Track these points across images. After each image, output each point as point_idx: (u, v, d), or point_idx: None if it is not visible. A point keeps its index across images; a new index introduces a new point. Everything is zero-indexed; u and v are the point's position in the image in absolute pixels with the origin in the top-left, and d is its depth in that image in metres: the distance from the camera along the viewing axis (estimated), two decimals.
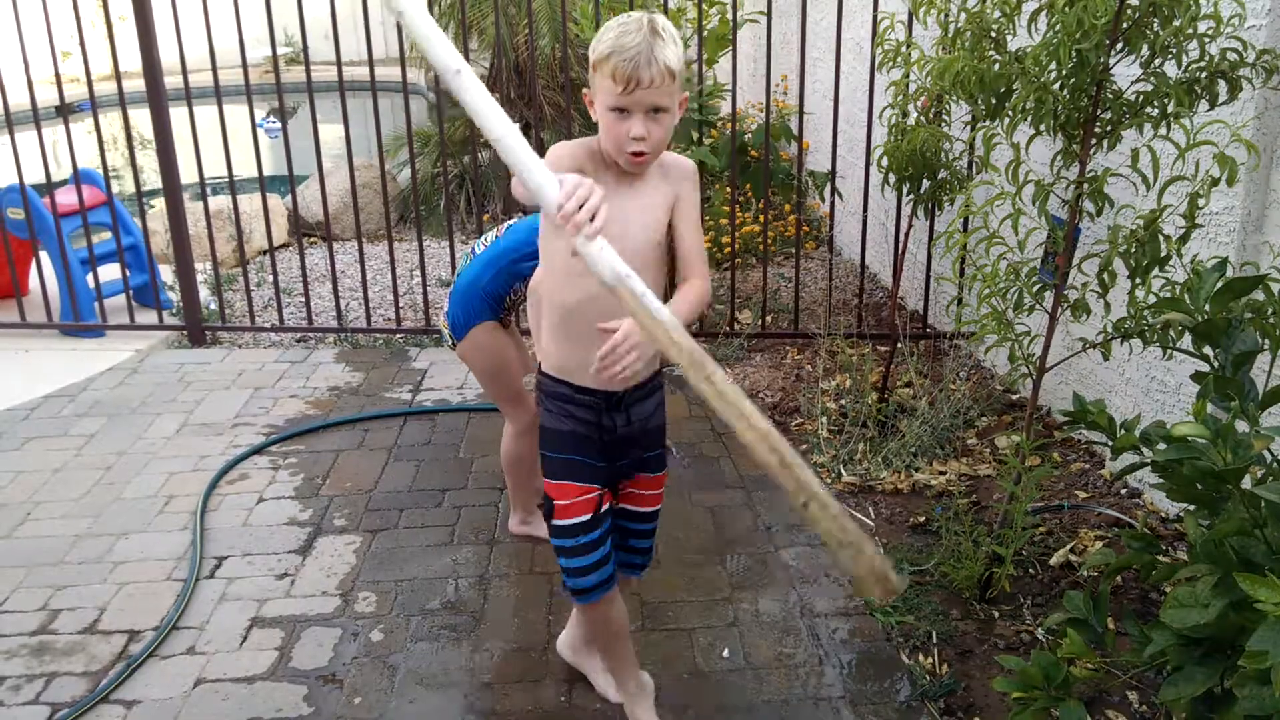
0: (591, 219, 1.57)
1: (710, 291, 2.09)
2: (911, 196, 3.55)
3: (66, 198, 4.96)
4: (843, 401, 3.90)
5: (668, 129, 1.99)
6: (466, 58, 5.19)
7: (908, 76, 3.15)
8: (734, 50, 4.57)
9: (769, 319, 4.83)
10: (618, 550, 2.30)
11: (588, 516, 2.16)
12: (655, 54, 1.91)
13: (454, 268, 4.89)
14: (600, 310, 1.89)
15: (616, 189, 2.00)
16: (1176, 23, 2.27)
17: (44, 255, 5.13)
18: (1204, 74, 2.34)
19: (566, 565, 2.18)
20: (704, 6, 4.46)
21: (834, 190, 4.72)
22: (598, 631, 2.33)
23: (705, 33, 4.60)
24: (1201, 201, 2.29)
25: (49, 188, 4.90)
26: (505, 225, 3.02)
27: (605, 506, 2.20)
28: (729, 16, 4.58)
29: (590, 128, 2.04)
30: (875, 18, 3.81)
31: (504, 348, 2.97)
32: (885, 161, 3.43)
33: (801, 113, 4.60)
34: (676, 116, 2.00)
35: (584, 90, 2.05)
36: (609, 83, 1.92)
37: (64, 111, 4.74)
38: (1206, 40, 2.31)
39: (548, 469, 2.18)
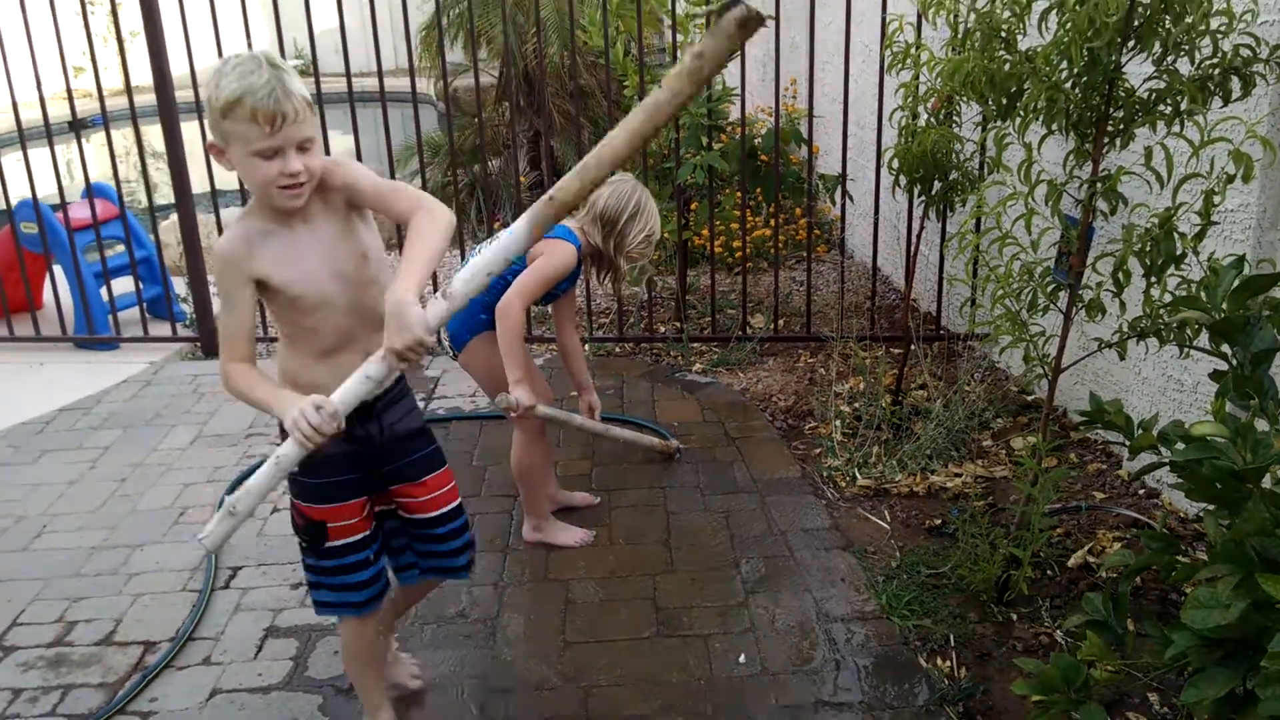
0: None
1: (441, 208, 1.96)
2: (923, 198, 3.54)
3: (80, 212, 4.99)
4: (856, 404, 3.88)
5: (321, 159, 1.94)
6: (475, 66, 5.19)
7: (917, 78, 3.14)
8: (742, 55, 4.56)
9: (781, 322, 4.81)
10: (428, 556, 2.28)
11: (362, 535, 2.15)
12: (290, 87, 1.85)
13: None
14: (337, 324, 2.02)
15: (293, 236, 1.99)
16: (1189, 19, 2.26)
17: (58, 269, 5.16)
18: (1217, 70, 2.33)
19: (346, 582, 2.15)
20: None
21: (845, 193, 4.71)
22: (361, 649, 2.28)
23: None
24: (1217, 199, 2.27)
25: (62, 202, 4.93)
26: (498, 237, 3.03)
27: (374, 523, 2.19)
28: None
29: (600, 134, 2.03)
30: (884, 20, 3.80)
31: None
32: (896, 163, 3.43)
33: (811, 116, 4.59)
34: (321, 148, 1.96)
35: (209, 143, 1.92)
36: (249, 127, 1.83)
37: (76, 126, 4.77)
38: (1219, 36, 2.29)
39: (306, 494, 2.10)
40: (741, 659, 2.59)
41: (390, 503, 2.23)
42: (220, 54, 4.37)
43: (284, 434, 1.90)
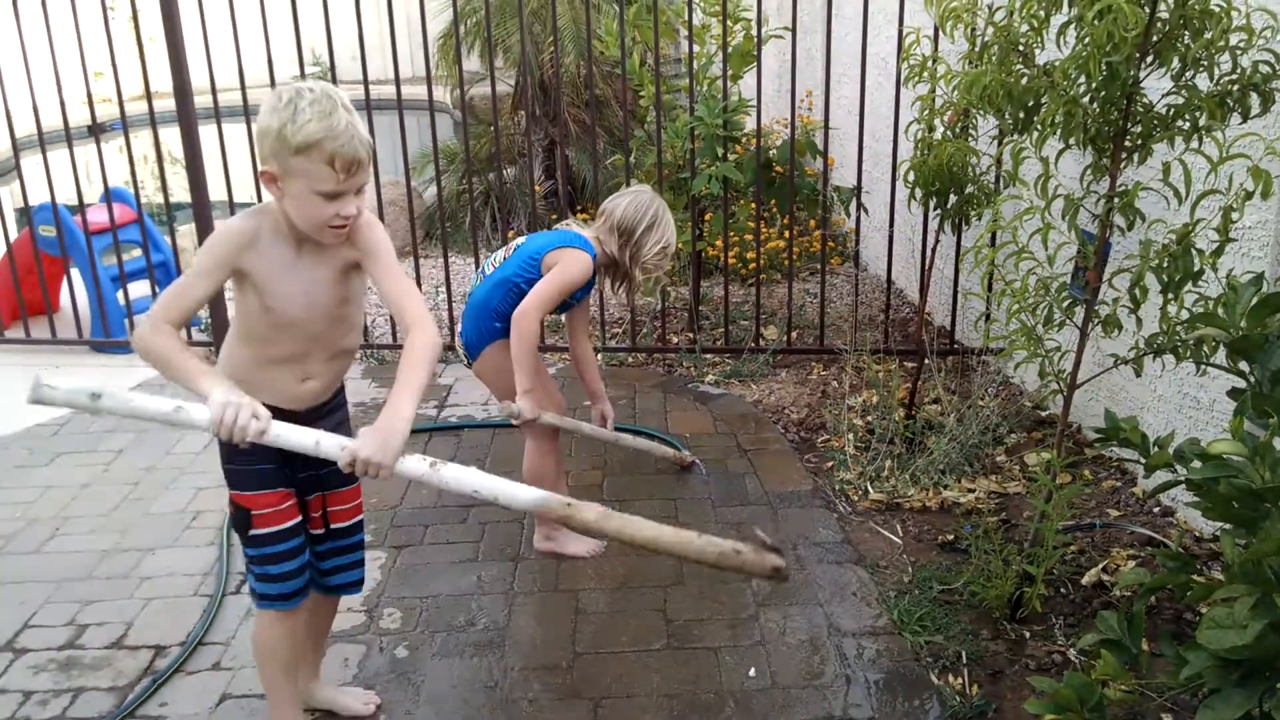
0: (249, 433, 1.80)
1: (435, 333, 2.02)
2: (938, 211, 3.53)
3: (98, 215, 5.02)
4: (869, 418, 3.87)
5: (365, 208, 2.01)
6: (492, 75, 5.19)
7: (934, 91, 3.14)
8: (758, 66, 4.57)
9: (795, 335, 4.80)
10: (331, 572, 2.31)
11: (291, 523, 2.17)
12: (363, 133, 1.90)
13: None
14: (295, 342, 2.06)
15: (297, 260, 2.02)
16: (1208, 35, 2.25)
17: (75, 272, 5.19)
18: (1236, 87, 2.32)
19: (269, 573, 2.16)
20: (728, 22, 4.46)
21: (859, 205, 4.70)
22: (283, 647, 2.25)
23: (730, 49, 4.60)
24: (1235, 215, 2.26)
25: (81, 206, 4.96)
26: (513, 245, 3.05)
27: (300, 517, 2.21)
28: (753, 33, 4.58)
29: (615, 145, 2.04)
30: (900, 33, 3.80)
31: None
32: (912, 176, 3.42)
33: (827, 128, 4.59)
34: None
35: (264, 171, 1.92)
36: (322, 169, 1.86)
37: (96, 131, 4.80)
38: (1239, 52, 2.28)
39: (238, 481, 2.14)
40: (751, 672, 2.58)
41: (305, 515, 2.25)
42: (239, 61, 4.41)
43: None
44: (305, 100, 1.86)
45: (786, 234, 4.96)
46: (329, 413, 2.24)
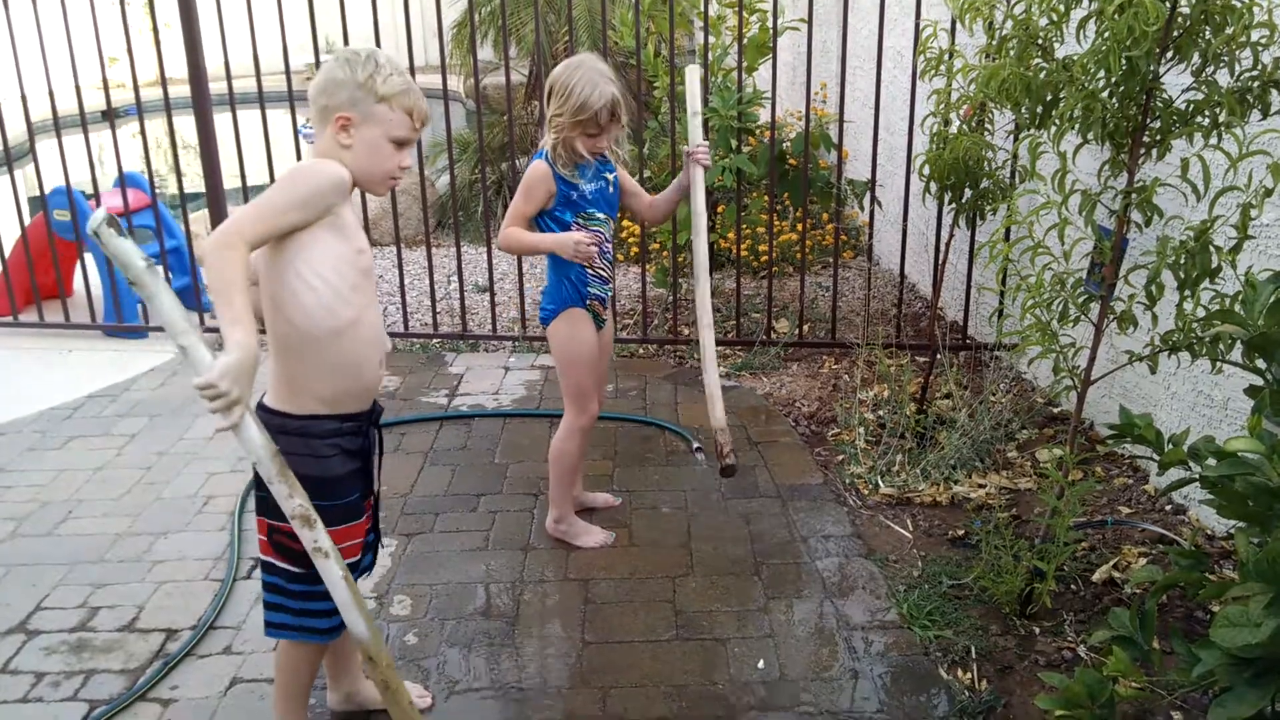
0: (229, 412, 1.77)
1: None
2: (953, 206, 3.52)
3: (112, 200, 5.03)
4: (881, 412, 3.86)
5: None
6: (507, 64, 5.19)
7: (951, 84, 3.12)
8: (774, 58, 4.55)
9: (806, 328, 4.80)
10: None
11: (356, 557, 2.16)
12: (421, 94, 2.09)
13: (491, 273, 4.91)
14: (372, 327, 2.08)
15: (347, 206, 2.05)
16: (1229, 31, 2.23)
17: (88, 257, 5.21)
18: (1257, 83, 2.30)
19: (328, 607, 2.02)
20: (744, 14, 4.45)
21: (873, 199, 4.69)
22: (307, 678, 2.24)
23: (745, 40, 4.59)
24: (1254, 213, 2.24)
25: (95, 190, 4.97)
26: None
27: None
28: (769, 24, 4.57)
29: (630, 135, 2.04)
30: (917, 25, 3.78)
31: (583, 341, 2.99)
32: (926, 170, 3.40)
33: (841, 121, 4.57)
34: None
35: (342, 115, 1.99)
36: (403, 117, 2.03)
37: (110, 116, 4.82)
38: (1260, 49, 2.26)
39: (331, 518, 1.98)
40: (760, 664, 2.58)
41: None
42: (255, 48, 4.42)
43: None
44: (382, 58, 2.03)
45: (799, 227, 4.95)
46: (379, 413, 2.21)
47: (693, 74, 2.97)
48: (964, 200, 3.45)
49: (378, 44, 4.47)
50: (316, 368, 2.03)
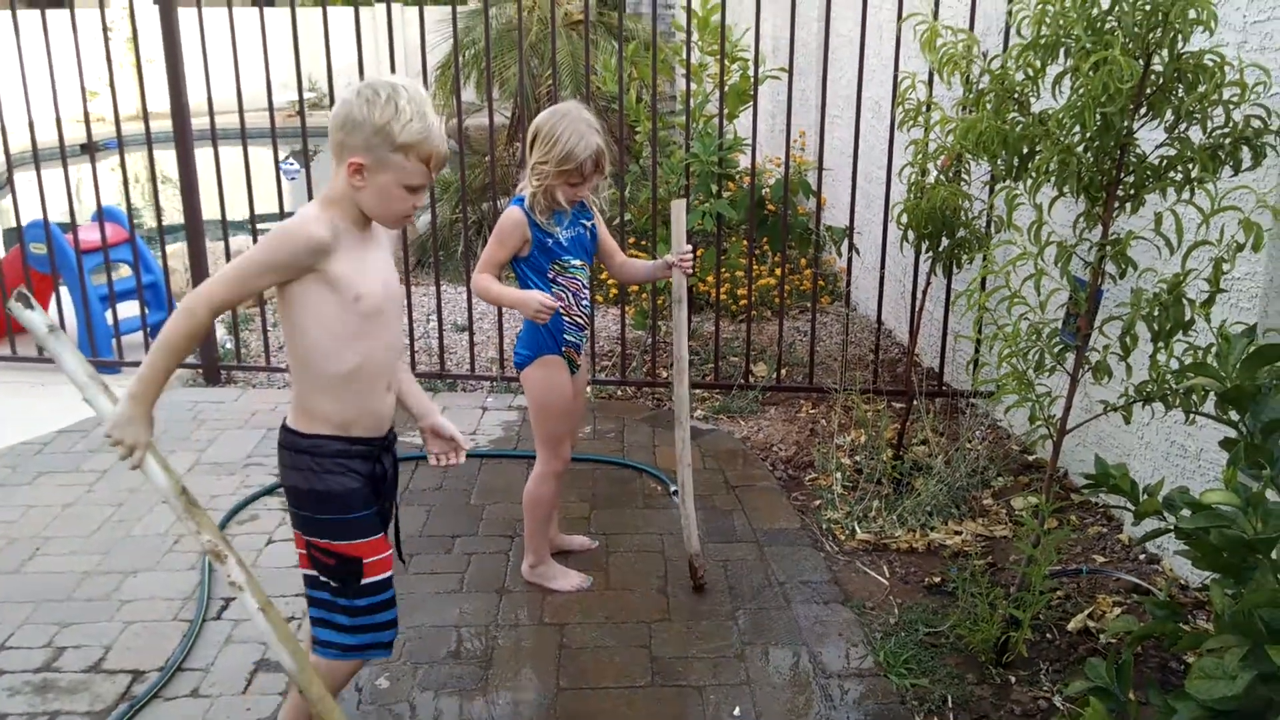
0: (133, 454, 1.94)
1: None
2: (930, 254, 3.56)
3: (89, 234, 5.01)
4: (858, 457, 3.87)
5: None
6: (490, 106, 5.20)
7: (928, 135, 3.17)
8: (754, 106, 4.61)
9: (784, 372, 4.81)
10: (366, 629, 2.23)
11: (391, 571, 2.14)
12: (442, 130, 2.00)
13: (470, 313, 4.90)
14: (378, 365, 2.07)
15: (362, 244, 2.04)
16: (1201, 89, 2.28)
17: (63, 290, 5.16)
18: (1228, 140, 2.35)
19: (378, 621, 2.10)
20: (726, 62, 4.51)
21: (851, 246, 4.73)
22: (338, 686, 2.20)
23: (726, 88, 4.65)
24: (1226, 266, 2.28)
25: (73, 224, 4.95)
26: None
27: None
28: (750, 73, 4.63)
29: (611, 179, 2.06)
30: (896, 77, 3.84)
31: (557, 387, 2.98)
32: (904, 219, 3.44)
33: (820, 168, 4.63)
34: None
35: (354, 161, 1.94)
36: (418, 165, 1.96)
37: (90, 149, 4.81)
38: (1231, 106, 2.32)
39: (339, 531, 2.04)
40: (736, 711, 2.56)
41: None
42: (239, 84, 4.43)
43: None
44: (404, 99, 1.92)
45: (778, 272, 4.98)
46: (393, 441, 2.20)
47: (678, 209, 3.00)
48: (941, 249, 3.49)
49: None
50: (325, 396, 2.05)
